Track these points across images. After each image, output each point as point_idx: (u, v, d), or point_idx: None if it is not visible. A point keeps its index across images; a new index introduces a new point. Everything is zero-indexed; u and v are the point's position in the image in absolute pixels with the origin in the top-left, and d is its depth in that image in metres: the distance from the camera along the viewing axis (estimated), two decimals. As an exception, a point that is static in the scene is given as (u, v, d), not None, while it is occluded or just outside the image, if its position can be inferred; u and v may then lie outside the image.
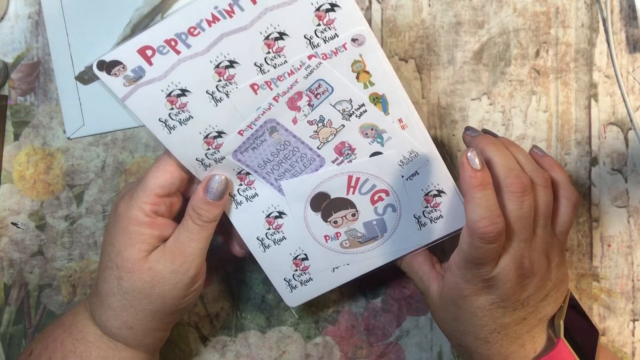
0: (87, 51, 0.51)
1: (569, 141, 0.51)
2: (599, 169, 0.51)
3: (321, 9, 0.41)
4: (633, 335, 0.52)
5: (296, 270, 0.47)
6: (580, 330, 0.45)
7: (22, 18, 0.51)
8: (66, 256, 0.52)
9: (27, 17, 0.51)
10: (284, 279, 0.47)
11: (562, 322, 0.43)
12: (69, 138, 0.51)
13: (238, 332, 0.53)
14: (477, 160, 0.41)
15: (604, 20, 0.50)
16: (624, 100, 0.49)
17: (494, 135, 0.47)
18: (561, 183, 0.45)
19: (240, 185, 0.45)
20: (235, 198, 0.45)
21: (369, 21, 0.51)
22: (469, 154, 0.41)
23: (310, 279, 0.47)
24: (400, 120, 0.44)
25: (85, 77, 0.51)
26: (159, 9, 0.50)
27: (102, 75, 0.41)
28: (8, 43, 0.51)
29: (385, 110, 0.43)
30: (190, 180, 0.45)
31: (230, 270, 0.52)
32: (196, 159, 0.43)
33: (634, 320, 0.52)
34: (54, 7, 0.50)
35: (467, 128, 0.47)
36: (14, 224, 0.52)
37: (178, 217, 0.44)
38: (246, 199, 0.45)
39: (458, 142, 0.51)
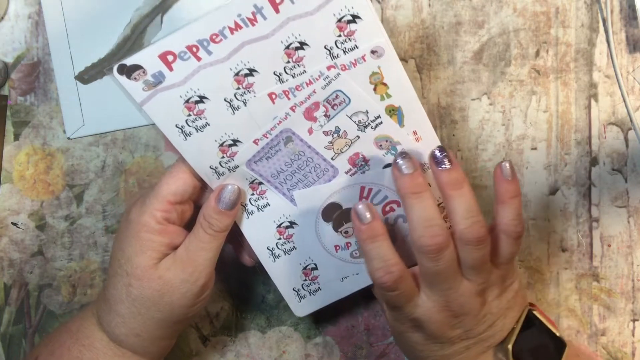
0: (87, 51, 0.51)
1: (569, 141, 0.51)
2: (599, 169, 0.51)
3: (343, 20, 0.40)
4: (633, 335, 0.52)
5: (305, 280, 0.47)
6: (539, 348, 0.44)
7: (22, 18, 0.51)
8: (66, 256, 0.52)
9: (27, 17, 0.51)
10: (293, 289, 0.47)
11: (510, 347, 0.43)
12: (69, 138, 0.51)
13: (238, 332, 0.53)
14: (367, 215, 0.41)
15: (604, 20, 0.50)
16: (624, 100, 0.49)
17: (444, 162, 0.42)
18: (505, 217, 0.42)
19: (252, 194, 0.45)
20: (246, 208, 0.45)
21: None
22: (358, 207, 0.41)
23: (319, 288, 0.47)
24: (414, 133, 0.44)
25: (85, 77, 0.51)
26: (159, 9, 0.50)
27: (121, 79, 0.40)
28: (8, 43, 0.51)
29: (400, 122, 0.43)
30: (202, 188, 0.44)
31: (230, 270, 0.52)
32: (210, 167, 0.43)
33: (634, 320, 0.52)
34: (54, 7, 0.50)
35: (401, 154, 0.42)
36: (14, 224, 0.52)
37: (189, 225, 0.44)
38: (258, 208, 0.45)
39: (458, 142, 0.51)
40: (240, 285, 0.53)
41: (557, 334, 0.45)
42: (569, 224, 0.52)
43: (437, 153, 0.42)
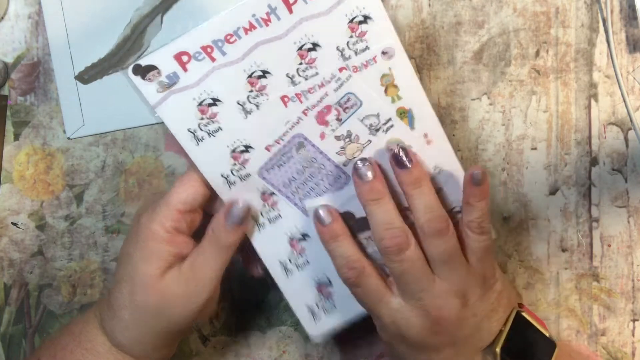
0: (87, 51, 0.51)
1: (569, 141, 0.51)
2: (599, 169, 0.51)
3: (354, 20, 0.40)
4: (633, 335, 0.52)
5: (320, 297, 0.45)
6: (528, 350, 0.44)
7: (22, 18, 0.51)
8: (66, 256, 0.52)
9: (27, 17, 0.51)
10: (307, 307, 0.46)
11: (498, 350, 0.43)
12: (69, 138, 0.51)
13: (238, 332, 0.53)
14: (326, 217, 0.42)
15: (604, 20, 0.50)
16: (624, 100, 0.49)
17: (404, 162, 0.42)
18: (470, 215, 0.43)
19: (264, 206, 0.44)
20: (258, 220, 0.44)
21: (369, 21, 0.51)
22: (319, 211, 0.43)
23: (334, 306, 0.45)
24: (425, 135, 0.43)
25: (85, 77, 0.51)
26: (159, 9, 0.50)
27: (136, 80, 0.40)
28: (8, 43, 0.51)
29: (411, 125, 0.43)
30: (212, 196, 0.44)
31: (230, 270, 0.52)
32: (221, 175, 0.42)
33: (634, 320, 0.52)
34: (54, 7, 0.50)
35: (362, 160, 0.42)
36: (14, 224, 0.52)
37: (197, 233, 0.44)
38: (269, 221, 0.44)
39: (458, 142, 0.51)
40: (240, 285, 0.53)
41: (547, 335, 0.45)
42: (569, 224, 0.52)
43: (397, 153, 0.42)
